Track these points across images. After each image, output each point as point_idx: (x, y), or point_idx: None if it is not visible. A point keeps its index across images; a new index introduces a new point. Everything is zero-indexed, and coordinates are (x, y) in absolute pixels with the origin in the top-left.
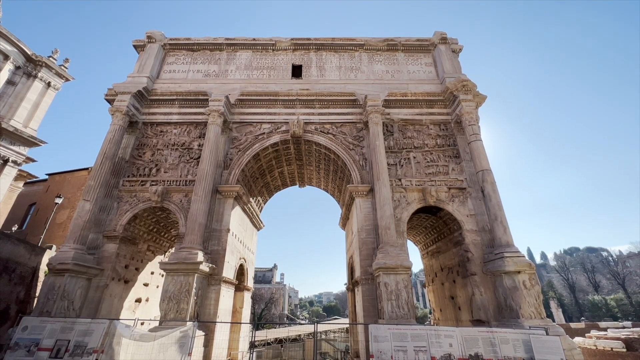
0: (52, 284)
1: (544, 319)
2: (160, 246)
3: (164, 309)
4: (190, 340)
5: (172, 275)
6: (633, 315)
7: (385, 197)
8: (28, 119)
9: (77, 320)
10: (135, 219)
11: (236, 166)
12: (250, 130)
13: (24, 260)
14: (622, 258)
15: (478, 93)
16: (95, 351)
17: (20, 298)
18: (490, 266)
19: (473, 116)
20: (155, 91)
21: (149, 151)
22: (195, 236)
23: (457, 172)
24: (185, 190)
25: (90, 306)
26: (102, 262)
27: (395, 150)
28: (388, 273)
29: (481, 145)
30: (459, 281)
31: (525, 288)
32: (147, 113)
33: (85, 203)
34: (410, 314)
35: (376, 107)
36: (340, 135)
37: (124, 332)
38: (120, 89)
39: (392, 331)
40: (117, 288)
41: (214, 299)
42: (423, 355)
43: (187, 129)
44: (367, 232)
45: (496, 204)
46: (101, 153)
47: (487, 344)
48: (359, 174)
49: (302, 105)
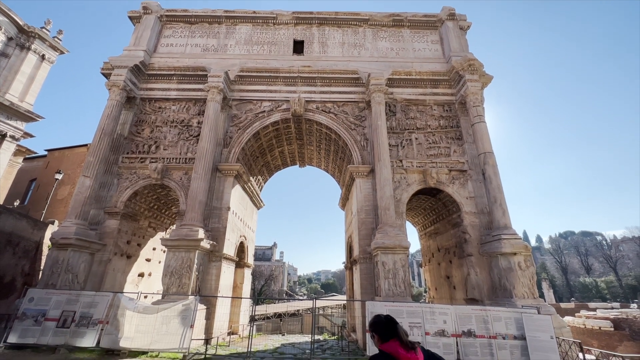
0: (56, 257)
1: (536, 298)
2: (161, 223)
3: (166, 284)
4: (192, 313)
5: (173, 251)
6: (622, 297)
7: (386, 178)
8: (24, 93)
9: (82, 293)
10: (136, 195)
11: (236, 144)
12: (250, 108)
13: (27, 234)
14: (616, 242)
15: (484, 73)
16: (100, 322)
17: (25, 271)
18: (487, 247)
19: (478, 97)
20: (153, 66)
21: (148, 128)
22: (195, 214)
23: (459, 154)
24: (185, 168)
25: (94, 280)
26: (104, 238)
27: (397, 131)
28: (386, 252)
29: (484, 127)
30: (455, 262)
31: (520, 269)
32: (144, 88)
33: (85, 179)
34: (406, 292)
35: (379, 86)
36: (342, 114)
37: (127, 304)
38: (116, 62)
39: (389, 308)
40: (120, 263)
41: (215, 274)
42: (417, 330)
43: (186, 106)
44: (367, 212)
45: (496, 186)
46: (99, 129)
47: (480, 321)
48: (360, 155)
49: (303, 83)
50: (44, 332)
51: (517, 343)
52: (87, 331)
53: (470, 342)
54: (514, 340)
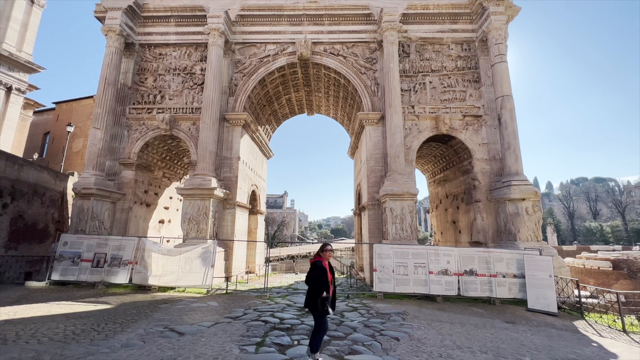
0: (81, 206)
1: (539, 241)
2: (174, 173)
3: (185, 229)
4: (212, 255)
5: (189, 199)
6: (625, 240)
7: (397, 125)
8: (20, 42)
9: (110, 237)
10: (147, 147)
11: (242, 92)
12: (254, 52)
13: (50, 185)
14: (628, 188)
15: (511, 4)
16: (130, 262)
17: (55, 218)
18: (495, 194)
19: (502, 33)
20: (148, 6)
21: (151, 76)
22: (207, 164)
23: (475, 98)
24: (192, 118)
25: (119, 226)
26: (122, 188)
27: (410, 74)
28: (394, 199)
29: (505, 67)
30: (463, 207)
31: (527, 214)
32: (142, 33)
33: (96, 131)
34: (412, 236)
35: (392, 22)
36: (351, 57)
37: (152, 247)
38: (108, 4)
39: (395, 250)
40: (141, 211)
41: (231, 220)
42: (422, 270)
43: (187, 52)
44: (376, 160)
45: (512, 132)
46: (102, 79)
47: (482, 262)
48: (370, 101)
49: (309, 22)
50: (82, 271)
51: (515, 281)
52: (119, 270)
53: (472, 279)
54: (514, 279)
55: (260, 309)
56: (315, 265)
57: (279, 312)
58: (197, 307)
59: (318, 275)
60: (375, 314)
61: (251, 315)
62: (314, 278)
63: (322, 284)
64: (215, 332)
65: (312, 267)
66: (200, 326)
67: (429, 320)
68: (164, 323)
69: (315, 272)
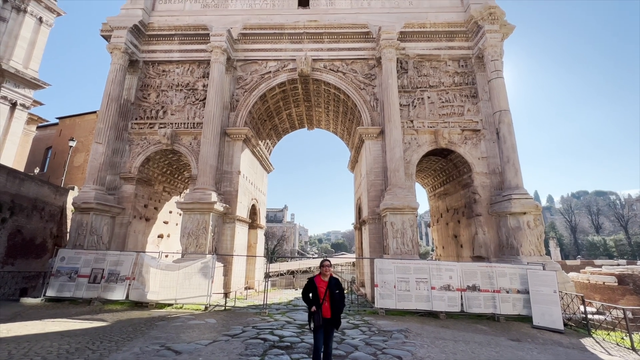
0: (80, 220)
1: (542, 256)
2: (174, 187)
3: (185, 244)
4: (211, 270)
5: (189, 214)
6: (629, 254)
7: (396, 139)
8: (27, 59)
9: (108, 252)
10: (148, 161)
11: (243, 108)
12: (255, 69)
13: (50, 199)
14: (629, 201)
15: (505, 23)
16: (127, 278)
17: (54, 233)
18: (496, 207)
19: (497, 50)
20: (153, 25)
21: (154, 92)
22: (207, 178)
23: (473, 112)
24: (193, 132)
25: (117, 240)
26: (122, 202)
27: (408, 90)
28: (395, 213)
29: (502, 83)
30: (464, 221)
31: (529, 228)
32: (146, 51)
33: (98, 146)
34: (414, 250)
35: (391, 40)
36: (350, 73)
37: (150, 262)
38: (114, 23)
39: (396, 264)
40: (140, 225)
41: (230, 235)
42: (424, 285)
43: (189, 68)
44: (376, 174)
45: (510, 146)
46: (105, 94)
47: (485, 277)
48: (370, 116)
49: (310, 40)
50: (78, 287)
51: (520, 296)
52: (116, 286)
53: (475, 295)
54: (518, 294)
55: (259, 327)
56: (308, 281)
57: (278, 329)
58: (194, 325)
59: (307, 291)
60: (377, 331)
61: (250, 332)
62: (304, 294)
63: (306, 300)
64: (212, 351)
65: (305, 284)
66: (197, 344)
67: (432, 338)
68: (161, 341)
69: (305, 288)
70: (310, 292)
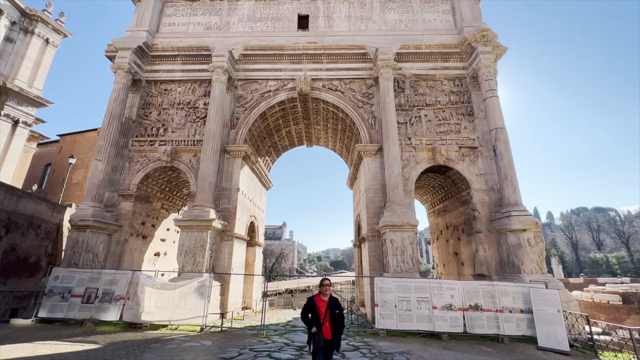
0: (76, 238)
1: (544, 274)
2: (173, 204)
3: (182, 262)
4: (208, 289)
5: (186, 231)
6: (633, 272)
7: (394, 156)
8: (32, 79)
9: (103, 271)
10: (147, 178)
11: (243, 125)
12: (255, 88)
13: (47, 217)
14: (629, 218)
15: (498, 44)
16: (122, 298)
17: (49, 251)
18: (496, 224)
19: (491, 70)
20: (156, 46)
21: (155, 110)
22: (206, 195)
23: (470, 130)
24: (193, 150)
25: (113, 259)
26: (120, 219)
27: (405, 108)
28: (394, 230)
29: (497, 101)
30: (464, 238)
31: (529, 245)
32: (149, 70)
33: (98, 163)
34: (414, 269)
35: (387, 61)
36: (349, 92)
37: (146, 281)
38: (119, 44)
39: (397, 283)
40: (137, 243)
41: (228, 253)
42: (425, 304)
43: (191, 87)
44: (375, 191)
45: (507, 163)
46: (108, 112)
47: (487, 296)
48: (368, 133)
49: (309, 60)
50: (71, 308)
51: (523, 316)
52: (110, 306)
53: (477, 315)
54: (521, 314)
55: (257, 349)
56: (307, 300)
57: (276, 351)
58: (189, 347)
59: (307, 311)
60: (378, 353)
61: (247, 355)
62: (304, 315)
63: (306, 320)
64: None
65: (305, 304)
66: None
67: None
68: None
69: (305, 308)
70: (310, 312)
